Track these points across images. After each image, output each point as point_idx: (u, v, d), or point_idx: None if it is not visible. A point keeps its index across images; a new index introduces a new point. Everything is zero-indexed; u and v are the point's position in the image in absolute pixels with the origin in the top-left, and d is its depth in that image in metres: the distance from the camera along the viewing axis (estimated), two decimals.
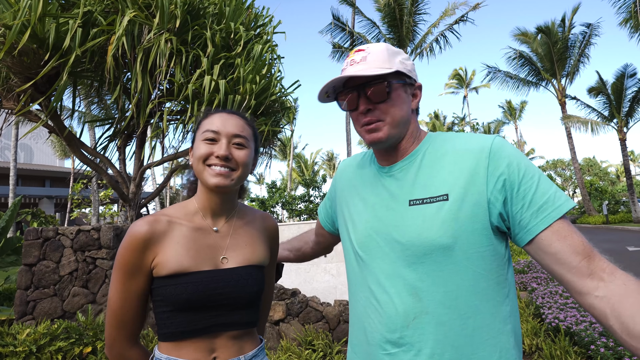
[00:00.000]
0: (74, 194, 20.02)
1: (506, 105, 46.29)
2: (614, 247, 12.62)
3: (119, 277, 1.06)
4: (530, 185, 0.90)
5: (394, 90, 1.02)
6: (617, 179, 57.05)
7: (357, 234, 1.10)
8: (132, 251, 1.05)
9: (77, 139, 5.87)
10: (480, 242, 0.93)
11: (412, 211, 0.99)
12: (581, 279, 0.84)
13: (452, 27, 19.58)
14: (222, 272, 1.11)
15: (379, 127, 1.03)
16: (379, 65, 1.01)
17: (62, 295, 4.50)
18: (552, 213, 0.88)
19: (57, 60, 4.37)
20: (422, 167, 1.03)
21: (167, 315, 1.07)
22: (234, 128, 1.13)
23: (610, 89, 23.10)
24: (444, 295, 0.93)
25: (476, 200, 0.92)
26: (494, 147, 0.95)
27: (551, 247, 0.87)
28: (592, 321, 3.81)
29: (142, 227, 1.07)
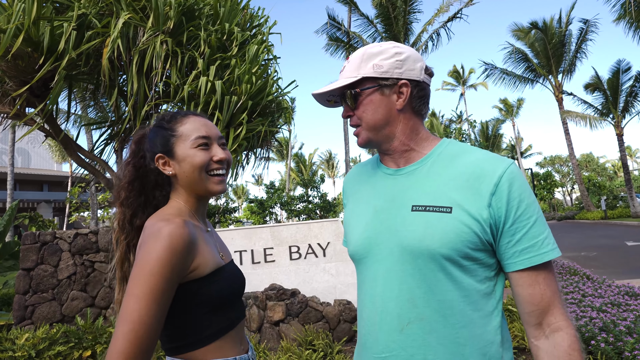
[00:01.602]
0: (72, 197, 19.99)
1: (503, 103, 46.35)
2: (613, 243, 12.64)
3: (160, 285, 0.92)
4: (525, 225, 0.93)
5: (361, 97, 1.05)
6: (614, 175, 57.20)
7: (357, 236, 1.10)
8: (179, 255, 0.97)
9: (74, 142, 5.86)
10: (475, 256, 0.95)
11: (414, 217, 0.98)
12: (528, 325, 0.96)
13: (446, 25, 19.59)
14: (231, 266, 1.18)
15: (359, 132, 1.08)
16: (349, 75, 1.05)
17: (60, 300, 4.48)
18: (533, 258, 0.93)
19: (52, 64, 4.35)
20: (430, 175, 1.03)
21: (206, 316, 1.05)
22: (216, 130, 1.16)
23: (606, 84, 23.15)
24: (438, 304, 0.94)
25: (475, 219, 0.94)
26: (504, 178, 0.95)
27: (516, 289, 0.96)
28: (592, 317, 3.82)
29: (183, 229, 1.00)
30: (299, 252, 5.23)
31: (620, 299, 4.41)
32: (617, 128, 23.53)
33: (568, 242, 13.77)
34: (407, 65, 1.05)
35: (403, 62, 1.05)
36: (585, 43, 23.96)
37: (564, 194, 58.00)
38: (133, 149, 1.19)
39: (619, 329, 3.43)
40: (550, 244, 0.93)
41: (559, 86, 25.73)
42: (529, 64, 25.64)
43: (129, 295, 0.91)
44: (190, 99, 4.95)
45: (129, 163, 1.18)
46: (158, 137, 1.14)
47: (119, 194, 1.17)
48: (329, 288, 5.13)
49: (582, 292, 4.82)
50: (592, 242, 13.36)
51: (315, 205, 21.36)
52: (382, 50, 1.05)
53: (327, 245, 5.23)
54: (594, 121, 23.32)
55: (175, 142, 1.12)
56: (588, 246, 12.23)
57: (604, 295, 4.63)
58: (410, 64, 1.05)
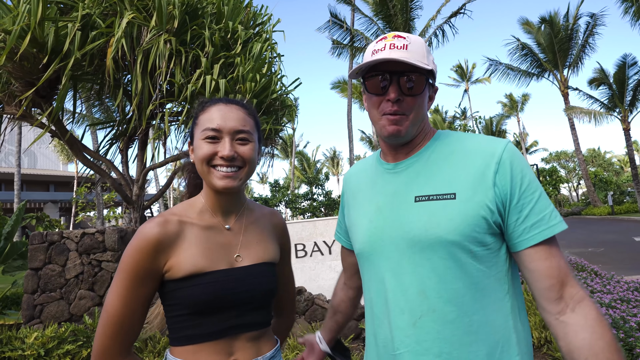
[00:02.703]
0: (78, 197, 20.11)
1: (507, 99, 46.07)
2: (620, 238, 12.55)
3: (125, 282, 0.98)
4: (530, 200, 0.92)
5: (426, 87, 1.01)
6: (621, 170, 56.75)
7: (361, 234, 1.09)
8: (144, 255, 0.98)
9: (79, 142, 5.88)
10: (484, 240, 0.93)
11: (418, 207, 0.97)
12: (549, 301, 0.90)
13: (449, 21, 19.47)
14: (237, 271, 1.08)
15: (401, 120, 1.00)
16: (420, 58, 0.98)
17: (68, 299, 4.51)
18: (544, 232, 0.90)
19: (57, 64, 4.37)
20: (429, 164, 1.02)
21: (183, 318, 1.02)
22: (236, 122, 1.06)
23: (612, 79, 22.93)
24: (450, 293, 0.93)
25: (481, 201, 0.92)
26: (504, 155, 0.95)
27: (531, 265, 0.92)
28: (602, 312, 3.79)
29: (153, 229, 1.00)
30: (304, 249, 5.23)
31: (630, 295, 4.37)
32: (624, 122, 23.31)
33: (575, 238, 13.67)
34: None
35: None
36: (592, 37, 23.70)
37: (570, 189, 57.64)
38: None
39: (629, 325, 3.40)
40: (557, 217, 0.92)
41: (565, 81, 25.53)
42: (535, 58, 25.44)
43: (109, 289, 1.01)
44: (194, 97, 4.95)
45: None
46: (192, 122, 1.14)
47: (183, 170, 1.24)
48: (334, 285, 5.14)
49: (590, 288, 4.79)
50: (599, 237, 13.26)
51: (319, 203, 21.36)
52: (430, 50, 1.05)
53: (332, 243, 5.22)
54: (599, 116, 23.08)
55: (194, 130, 1.10)
56: (595, 242, 12.15)
57: (613, 291, 4.59)
58: None
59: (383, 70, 0.99)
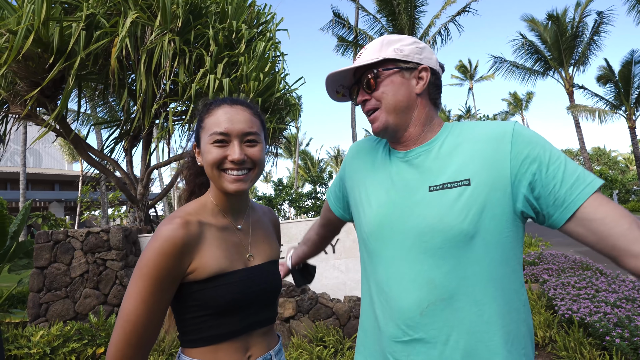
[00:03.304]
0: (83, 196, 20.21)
1: (512, 97, 45.87)
2: None
3: (150, 287, 0.93)
4: (559, 165, 0.90)
5: (382, 76, 1.02)
6: (626, 168, 56.39)
7: (368, 220, 1.07)
8: (170, 258, 0.95)
9: (84, 141, 5.91)
10: (502, 229, 0.92)
11: (432, 196, 0.96)
12: (634, 242, 0.81)
13: (454, 19, 19.40)
14: (253, 270, 1.10)
15: (376, 117, 1.04)
16: (369, 57, 1.03)
17: (73, 297, 4.54)
18: (587, 188, 0.86)
19: (62, 64, 4.39)
20: (441, 154, 1.00)
21: (204, 319, 1.02)
22: (243, 125, 1.05)
23: (617, 76, 22.76)
24: (460, 282, 0.92)
25: (499, 185, 0.91)
26: (516, 131, 0.94)
27: (597, 213, 0.85)
28: (606, 312, 3.77)
29: (177, 231, 0.98)
30: None
31: (635, 294, 4.34)
32: (629, 121, 23.14)
33: None
34: (426, 53, 1.06)
35: (422, 50, 1.05)
36: (599, 35, 23.49)
37: None
38: None
39: (634, 325, 3.38)
40: (591, 174, 0.88)
41: (570, 79, 25.36)
42: (540, 56, 25.27)
43: (126, 294, 0.95)
44: (198, 97, 4.96)
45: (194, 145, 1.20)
46: (196, 125, 1.14)
47: (182, 171, 1.23)
48: (338, 284, 5.13)
49: (595, 287, 4.76)
50: None
51: (323, 202, 21.37)
52: (402, 38, 1.06)
53: (336, 242, 5.23)
54: (604, 115, 22.89)
55: (201, 134, 1.09)
56: None
57: (618, 290, 4.56)
58: (428, 53, 1.06)
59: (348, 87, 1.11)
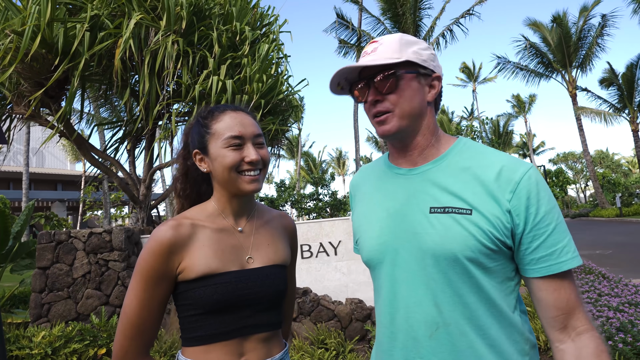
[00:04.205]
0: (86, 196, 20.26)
1: (515, 99, 45.81)
2: (628, 240, 12.43)
3: (141, 284, 1.03)
4: (542, 232, 0.90)
5: (403, 80, 0.98)
6: (629, 171, 56.19)
7: (373, 241, 1.06)
8: (158, 257, 1.02)
9: (87, 142, 5.93)
10: (498, 258, 0.93)
11: (433, 219, 0.95)
12: (553, 329, 0.92)
13: (458, 21, 19.41)
14: (249, 272, 1.10)
15: (388, 119, 0.99)
16: (388, 55, 0.97)
17: (75, 298, 4.54)
18: (553, 267, 0.89)
19: (66, 65, 4.40)
20: (447, 175, 0.99)
21: (195, 318, 1.05)
22: (253, 128, 1.11)
23: (621, 79, 22.72)
24: (464, 308, 0.92)
25: (496, 222, 0.91)
26: (522, 183, 0.91)
27: (538, 294, 0.93)
28: (609, 316, 3.75)
29: (166, 232, 1.04)
30: (310, 250, 5.23)
31: (638, 298, 4.33)
32: (633, 124, 23.09)
33: (583, 239, 13.56)
34: (437, 61, 1.04)
35: (435, 57, 1.04)
36: (602, 38, 23.45)
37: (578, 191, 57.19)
38: (184, 141, 1.21)
39: (637, 329, 3.37)
40: (568, 253, 0.89)
41: (573, 82, 25.32)
42: (543, 58, 25.25)
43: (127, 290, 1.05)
44: (201, 98, 4.97)
45: (179, 155, 1.21)
46: (196, 132, 1.14)
47: (176, 185, 1.22)
48: (340, 287, 5.13)
49: (598, 292, 4.74)
50: (608, 239, 13.15)
51: (325, 203, 21.36)
52: (418, 41, 1.03)
53: (338, 244, 5.22)
54: (609, 117, 22.88)
55: (209, 140, 1.11)
56: (603, 244, 12.04)
57: (621, 294, 4.55)
58: (438, 61, 1.05)
59: (359, 79, 1.03)
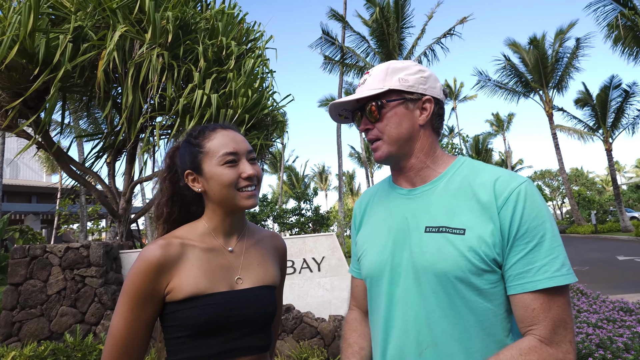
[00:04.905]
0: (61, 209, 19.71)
1: (494, 118, 46.92)
2: (604, 257, 12.72)
3: (129, 304, 1.00)
4: (522, 248, 0.89)
5: (386, 108, 1.03)
6: (603, 189, 57.87)
7: (374, 257, 1.07)
8: (146, 277, 1.00)
9: (66, 154, 5.79)
10: (491, 279, 0.92)
11: (427, 238, 0.97)
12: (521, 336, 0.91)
13: (439, 41, 19.90)
14: (238, 293, 1.07)
15: (378, 146, 1.05)
16: (373, 86, 1.03)
17: (49, 316, 4.37)
18: (526, 285, 0.88)
19: (47, 76, 4.32)
20: (443, 195, 1.01)
21: (182, 340, 1.02)
22: (245, 144, 1.12)
23: (595, 100, 23.57)
24: (453, 328, 0.92)
25: (490, 239, 0.91)
26: (512, 196, 0.92)
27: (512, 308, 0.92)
28: (588, 332, 3.80)
29: (155, 251, 1.02)
30: (293, 266, 5.18)
31: (616, 314, 4.41)
32: (606, 143, 23.87)
33: None
34: (430, 82, 1.06)
35: (427, 79, 1.05)
36: (577, 60, 24.38)
37: (555, 207, 58.50)
38: (168, 164, 1.18)
39: (616, 346, 3.42)
40: (546, 272, 0.86)
41: (550, 101, 26.13)
42: (521, 78, 26.05)
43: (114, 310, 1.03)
44: (185, 111, 4.93)
45: (165, 178, 1.17)
46: (187, 152, 1.12)
47: (161, 211, 1.17)
48: (323, 303, 5.07)
49: (577, 308, 4.81)
50: (584, 256, 13.42)
51: (307, 218, 21.29)
52: (407, 66, 1.06)
53: (322, 260, 5.18)
54: (584, 136, 23.70)
55: (202, 159, 1.09)
56: (580, 260, 12.28)
57: (599, 311, 4.63)
58: (432, 82, 1.06)
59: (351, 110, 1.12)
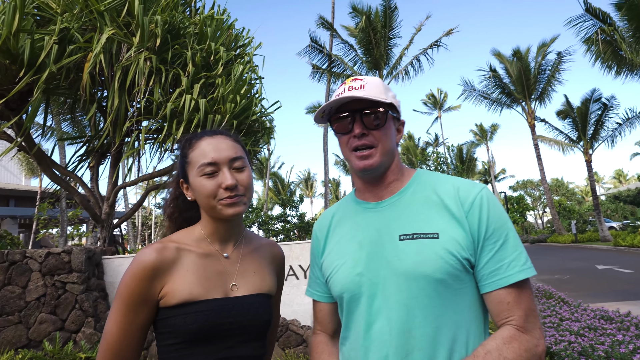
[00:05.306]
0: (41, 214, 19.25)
1: (478, 128, 47.68)
2: (584, 266, 12.97)
3: (122, 308, 0.99)
4: (492, 247, 0.97)
5: (388, 119, 1.06)
6: (582, 199, 59.18)
7: (346, 273, 1.06)
8: (140, 281, 0.99)
9: (48, 157, 5.68)
10: (466, 278, 0.97)
11: (403, 245, 0.99)
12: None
13: (426, 52, 20.19)
14: (232, 300, 1.05)
15: (372, 154, 1.04)
16: (377, 94, 1.04)
17: (27, 323, 4.25)
18: (499, 280, 0.94)
19: (30, 77, 4.24)
20: (412, 204, 1.05)
21: (175, 347, 1.00)
22: (228, 152, 1.07)
23: (576, 112, 24.18)
24: (434, 331, 0.94)
25: (461, 243, 0.96)
26: (476, 201, 1.00)
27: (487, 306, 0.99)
28: (571, 340, 3.86)
29: (150, 255, 1.01)
30: None
31: (597, 323, 4.49)
32: (586, 154, 24.46)
33: (542, 264, 14.04)
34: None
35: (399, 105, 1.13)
36: (559, 73, 25.03)
37: (536, 217, 59.55)
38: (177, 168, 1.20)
39: (597, 354, 3.48)
40: (516, 267, 0.94)
41: (532, 112, 26.70)
42: (505, 89, 26.61)
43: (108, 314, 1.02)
44: (172, 116, 4.89)
45: (174, 180, 1.20)
46: (179, 161, 1.14)
47: (167, 208, 1.20)
48: (309, 311, 5.04)
49: (560, 316, 4.89)
50: (565, 265, 13.67)
51: (293, 225, 21.21)
52: (389, 87, 1.12)
53: (308, 267, 5.17)
54: (566, 147, 24.31)
55: (188, 169, 1.09)
56: (561, 269, 12.50)
57: (581, 319, 4.71)
58: None
59: (346, 110, 1.07)
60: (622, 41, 17.05)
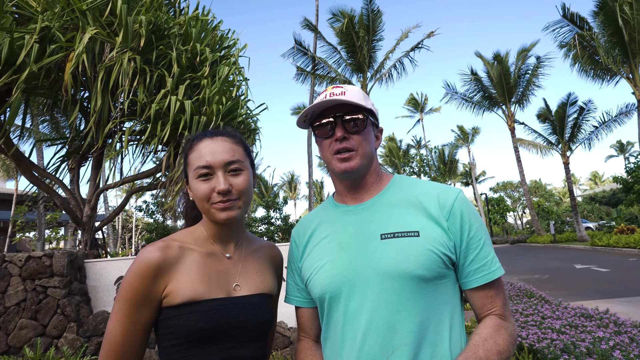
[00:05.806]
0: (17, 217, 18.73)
1: (459, 130, 48.41)
2: (563, 266, 13.27)
3: (125, 308, 0.98)
4: (477, 246, 1.05)
5: (367, 124, 1.12)
6: (560, 201, 60.63)
7: (326, 274, 1.08)
8: (143, 279, 0.98)
9: (27, 159, 5.54)
10: (445, 275, 1.03)
11: (384, 244, 1.02)
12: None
13: (408, 54, 20.40)
14: (235, 300, 1.06)
15: (352, 156, 1.09)
16: (358, 101, 1.09)
17: (7, 329, 4.13)
18: (486, 276, 1.04)
19: (9, 77, 4.14)
20: (391, 206, 1.10)
21: (177, 348, 0.99)
22: (225, 155, 1.07)
23: (554, 116, 24.78)
24: (418, 326, 0.97)
25: (440, 241, 1.02)
26: (456, 205, 1.07)
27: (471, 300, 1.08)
28: (553, 338, 3.95)
29: (153, 253, 1.00)
30: None
31: (577, 320, 4.60)
32: (564, 157, 25.07)
33: (523, 264, 14.32)
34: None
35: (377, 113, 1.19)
36: (537, 77, 25.61)
37: (515, 218, 60.69)
38: None
39: (579, 350, 3.56)
40: (496, 263, 1.05)
41: (512, 116, 27.24)
42: (486, 92, 27.09)
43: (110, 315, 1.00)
44: (157, 117, 4.83)
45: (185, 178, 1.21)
46: (183, 161, 1.15)
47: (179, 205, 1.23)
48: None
49: (541, 315, 4.99)
50: (544, 264, 13.96)
51: (277, 227, 21.13)
52: (368, 96, 1.18)
53: None
54: (544, 150, 24.92)
55: (187, 171, 1.12)
56: (541, 269, 12.77)
57: (562, 317, 4.81)
58: None
59: (328, 115, 1.11)
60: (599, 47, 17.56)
